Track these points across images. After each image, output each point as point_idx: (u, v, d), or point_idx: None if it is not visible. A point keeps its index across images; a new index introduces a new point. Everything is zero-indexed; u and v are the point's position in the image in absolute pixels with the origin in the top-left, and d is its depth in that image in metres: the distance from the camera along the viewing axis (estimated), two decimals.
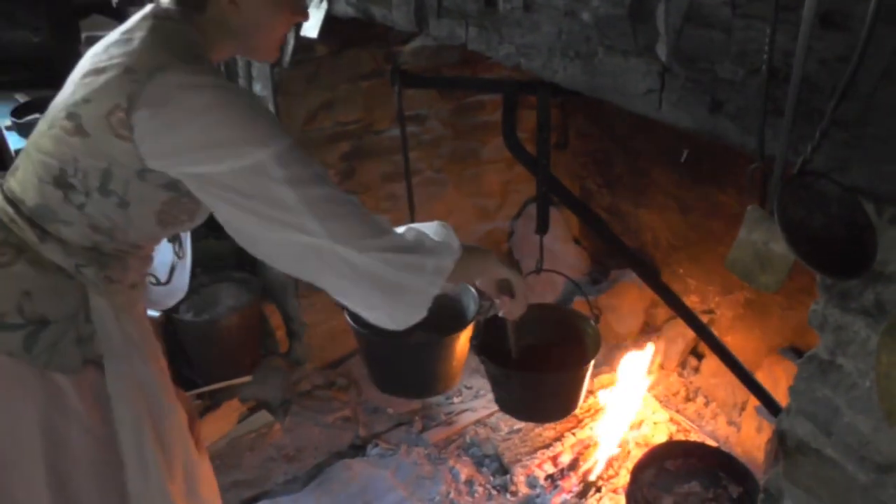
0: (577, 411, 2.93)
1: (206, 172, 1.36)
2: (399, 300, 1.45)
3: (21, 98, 3.84)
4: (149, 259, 1.63)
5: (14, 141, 3.41)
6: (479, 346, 2.00)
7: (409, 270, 1.44)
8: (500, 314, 1.81)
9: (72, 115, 1.39)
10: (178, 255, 1.88)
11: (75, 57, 1.51)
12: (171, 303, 2.00)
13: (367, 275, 1.41)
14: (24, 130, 3.38)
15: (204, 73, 1.40)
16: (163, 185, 1.41)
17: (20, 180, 1.47)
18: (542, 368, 2.00)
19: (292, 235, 1.37)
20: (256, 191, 1.35)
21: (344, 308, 2.00)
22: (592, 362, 1.96)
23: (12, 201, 1.46)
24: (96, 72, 1.40)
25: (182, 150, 1.35)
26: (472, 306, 2.12)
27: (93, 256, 1.47)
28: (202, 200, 1.42)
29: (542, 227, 1.99)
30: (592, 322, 2.05)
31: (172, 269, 1.89)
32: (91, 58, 1.46)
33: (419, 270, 1.46)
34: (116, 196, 1.41)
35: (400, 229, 1.52)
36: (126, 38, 1.43)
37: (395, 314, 1.48)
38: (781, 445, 1.37)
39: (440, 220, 1.64)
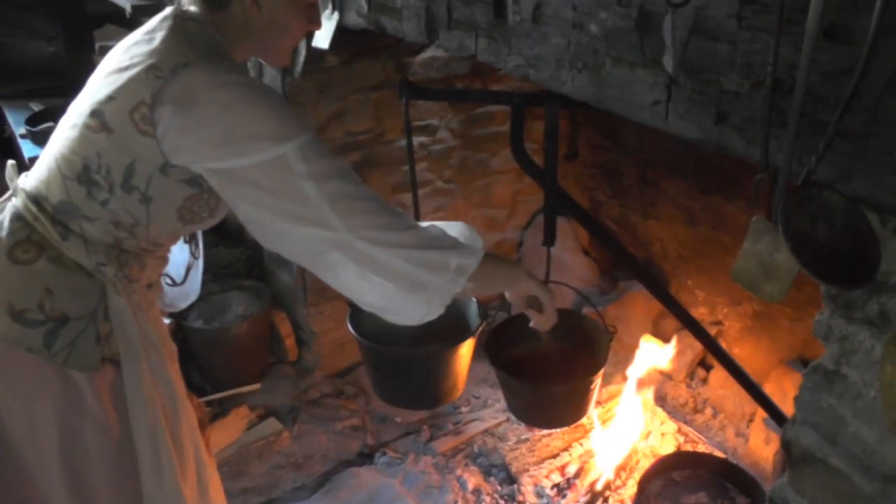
0: (585, 421, 2.95)
1: (229, 168, 1.38)
2: (418, 297, 1.45)
3: (35, 107, 3.88)
4: (165, 260, 1.65)
5: (28, 149, 3.45)
6: (490, 353, 2.00)
7: (430, 268, 1.45)
8: (531, 325, 1.82)
9: (96, 112, 1.42)
10: (195, 255, 1.90)
11: (89, 66, 1.54)
12: (185, 304, 2.02)
13: (388, 270, 1.42)
14: (39, 138, 3.42)
15: (227, 70, 1.43)
16: (185, 180, 1.44)
17: (44, 179, 1.50)
18: (553, 374, 2.00)
19: (313, 231, 1.39)
20: (279, 185, 1.37)
21: (349, 315, 2.02)
22: (602, 371, 1.97)
23: (36, 199, 1.49)
24: (120, 70, 1.43)
25: (205, 146, 1.37)
26: (474, 316, 2.12)
27: (113, 254, 1.49)
28: (224, 198, 1.44)
29: (549, 239, 1.98)
30: (607, 331, 2.05)
31: (188, 270, 1.91)
32: (114, 57, 1.49)
33: (441, 268, 1.46)
34: (139, 192, 1.43)
35: (423, 224, 1.53)
36: (148, 38, 1.46)
37: (411, 311, 1.48)
38: (787, 455, 1.37)
39: (463, 222, 1.64)
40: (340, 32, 2.32)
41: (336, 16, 2.30)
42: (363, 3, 2.15)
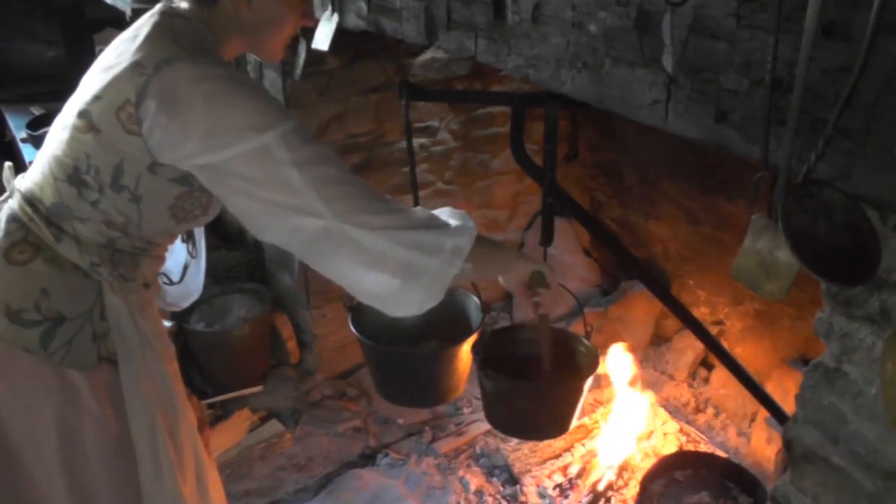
0: (588, 422, 2.96)
1: (214, 161, 1.38)
2: (414, 282, 1.42)
3: (36, 111, 3.90)
4: (161, 259, 1.65)
5: (29, 153, 3.46)
6: (483, 358, 1.95)
7: (424, 250, 1.42)
8: (539, 310, 1.75)
9: (83, 112, 1.42)
10: (192, 254, 1.90)
11: None
12: (186, 303, 2.01)
13: (379, 256, 1.40)
14: (39, 142, 3.41)
15: (210, 65, 1.42)
16: (174, 179, 1.44)
17: (38, 181, 1.51)
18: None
19: (302, 220, 1.38)
20: (263, 175, 1.37)
21: (350, 315, 2.02)
22: (590, 379, 1.92)
23: (31, 201, 1.49)
24: (106, 69, 1.43)
25: (189, 141, 1.37)
26: (475, 315, 2.11)
27: (106, 255, 1.49)
28: (214, 193, 1.44)
29: (547, 239, 1.97)
30: (586, 341, 2.01)
31: (185, 269, 1.91)
32: (104, 56, 1.50)
33: (437, 250, 1.43)
34: (128, 191, 1.44)
35: (412, 209, 1.51)
36: (134, 36, 1.46)
37: (409, 299, 1.45)
38: (789, 453, 1.37)
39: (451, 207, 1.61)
40: (340, 34, 2.32)
41: (336, 17, 2.30)
42: (363, 4, 2.16)
